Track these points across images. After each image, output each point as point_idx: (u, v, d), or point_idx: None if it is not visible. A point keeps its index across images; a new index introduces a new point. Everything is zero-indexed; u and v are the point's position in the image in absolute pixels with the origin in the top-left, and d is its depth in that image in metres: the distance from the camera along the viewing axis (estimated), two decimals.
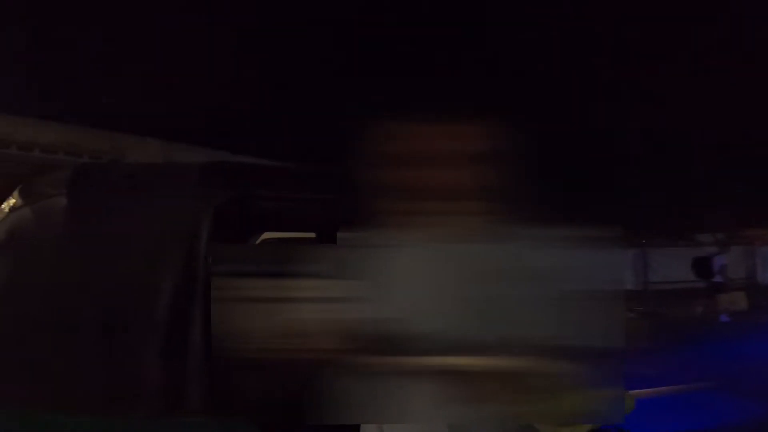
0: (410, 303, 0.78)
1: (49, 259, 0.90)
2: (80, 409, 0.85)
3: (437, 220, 0.81)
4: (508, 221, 0.78)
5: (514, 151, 0.78)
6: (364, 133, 0.78)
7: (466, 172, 0.80)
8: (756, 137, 6.04)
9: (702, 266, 15.09)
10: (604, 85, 5.34)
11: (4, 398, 0.87)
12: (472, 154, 0.80)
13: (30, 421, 0.84)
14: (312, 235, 1.40)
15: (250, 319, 0.79)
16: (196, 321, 0.83)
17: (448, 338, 0.76)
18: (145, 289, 0.86)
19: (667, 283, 15.18)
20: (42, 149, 6.66)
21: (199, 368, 0.84)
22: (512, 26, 4.47)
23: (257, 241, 1.84)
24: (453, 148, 0.80)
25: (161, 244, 0.87)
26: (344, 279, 0.76)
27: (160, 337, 0.82)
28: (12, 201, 0.93)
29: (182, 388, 0.86)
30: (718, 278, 15.20)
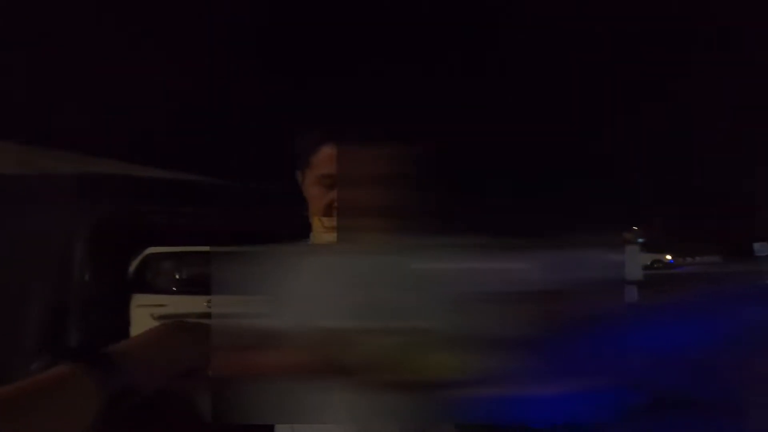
0: (318, 309, 0.81)
1: None
2: None
3: (351, 233, 0.85)
4: (417, 233, 0.83)
5: (425, 170, 0.84)
6: (288, 150, 0.82)
7: (380, 190, 0.84)
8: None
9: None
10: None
11: None
12: (386, 173, 0.84)
13: None
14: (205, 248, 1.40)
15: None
16: (70, 333, 0.84)
17: (355, 338, 0.80)
18: (15, 306, 0.86)
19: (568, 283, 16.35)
20: None
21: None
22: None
23: (140, 255, 1.83)
24: (369, 168, 0.84)
25: (31, 259, 0.87)
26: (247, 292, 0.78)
27: (33, 350, 0.82)
28: None
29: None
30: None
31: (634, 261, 17.49)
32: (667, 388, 4.65)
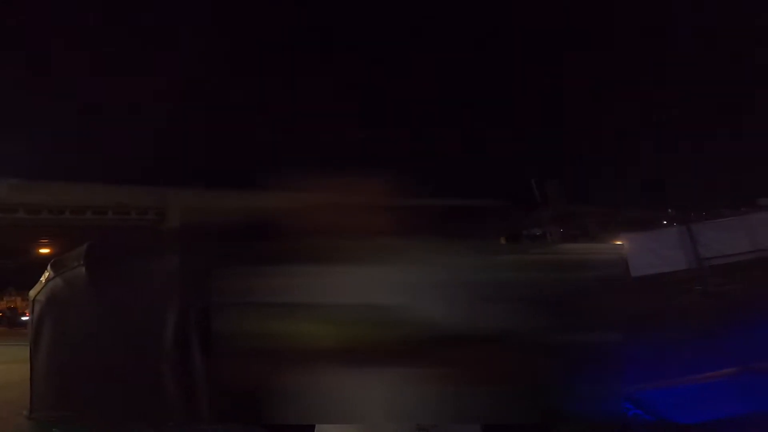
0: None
1: (80, 318, 1.13)
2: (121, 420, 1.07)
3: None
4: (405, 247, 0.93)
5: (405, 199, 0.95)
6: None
7: (365, 216, 0.96)
8: None
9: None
10: None
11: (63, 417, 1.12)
12: (369, 203, 0.96)
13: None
14: None
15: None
16: (194, 348, 1.04)
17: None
18: (152, 330, 1.06)
19: (721, 257, 13.92)
20: (93, 211, 7.34)
21: (203, 384, 1.04)
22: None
23: None
24: (353, 197, 0.97)
25: (158, 292, 1.09)
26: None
27: (168, 364, 1.03)
28: (47, 273, 1.17)
29: (191, 401, 1.05)
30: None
31: None
32: None
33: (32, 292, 1.51)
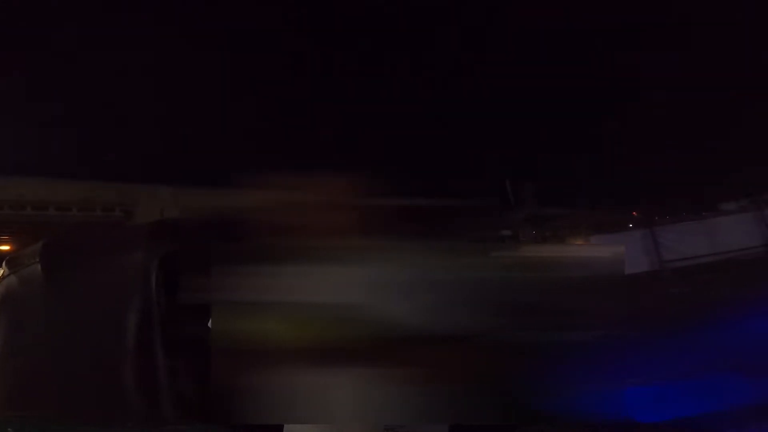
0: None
1: (35, 317, 1.08)
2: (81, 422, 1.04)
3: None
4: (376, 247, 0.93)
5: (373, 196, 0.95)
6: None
7: (334, 215, 0.96)
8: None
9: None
10: None
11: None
12: (337, 201, 0.96)
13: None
14: None
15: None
16: (157, 348, 1.01)
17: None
18: (113, 329, 1.03)
19: (682, 260, 14.78)
20: (56, 207, 7.07)
21: (170, 383, 1.01)
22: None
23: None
24: (321, 195, 0.96)
25: (120, 291, 1.05)
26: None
27: (129, 364, 1.00)
28: (1, 271, 1.12)
29: (157, 403, 1.03)
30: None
31: None
32: None
33: None
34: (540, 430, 0.99)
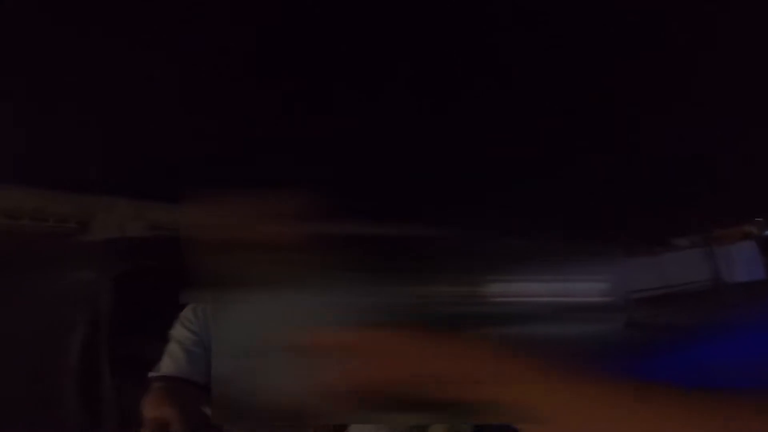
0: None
1: None
2: None
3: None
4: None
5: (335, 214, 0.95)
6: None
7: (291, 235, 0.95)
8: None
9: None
10: None
11: None
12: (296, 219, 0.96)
13: None
14: None
15: None
16: (104, 367, 0.97)
17: None
18: (57, 347, 0.99)
19: (637, 293, 15.53)
20: (6, 215, 6.69)
21: (111, 403, 0.97)
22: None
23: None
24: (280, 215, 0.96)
25: (68, 308, 1.01)
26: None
27: (75, 382, 0.96)
28: None
29: (99, 419, 0.98)
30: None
31: (752, 258, 16.36)
32: None
33: None
34: None
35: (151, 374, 0.93)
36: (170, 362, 0.96)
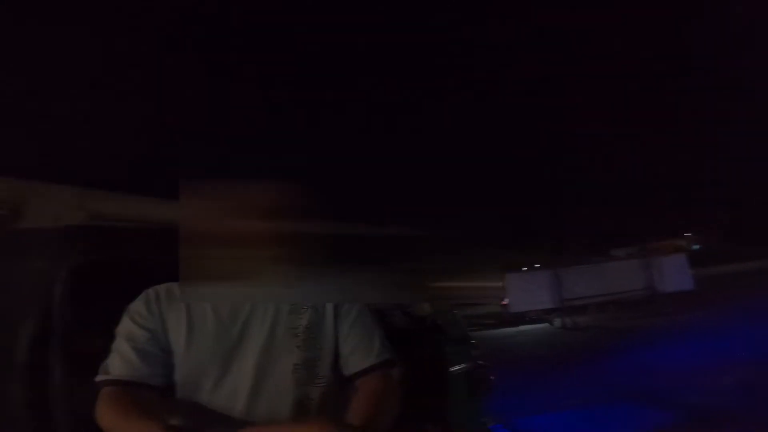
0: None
1: None
2: None
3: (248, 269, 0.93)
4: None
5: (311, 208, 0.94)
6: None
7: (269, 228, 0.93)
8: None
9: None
10: None
11: None
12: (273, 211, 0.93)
13: None
14: None
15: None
16: (56, 364, 0.92)
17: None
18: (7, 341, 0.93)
19: (580, 299, 16.30)
20: None
21: (60, 402, 0.92)
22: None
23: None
24: (257, 207, 0.93)
25: (20, 301, 0.96)
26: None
27: (24, 380, 0.90)
28: None
29: (47, 419, 0.93)
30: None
31: (682, 270, 17.27)
32: (703, 404, 4.33)
33: None
34: None
35: (99, 378, 0.82)
36: (121, 364, 0.84)
